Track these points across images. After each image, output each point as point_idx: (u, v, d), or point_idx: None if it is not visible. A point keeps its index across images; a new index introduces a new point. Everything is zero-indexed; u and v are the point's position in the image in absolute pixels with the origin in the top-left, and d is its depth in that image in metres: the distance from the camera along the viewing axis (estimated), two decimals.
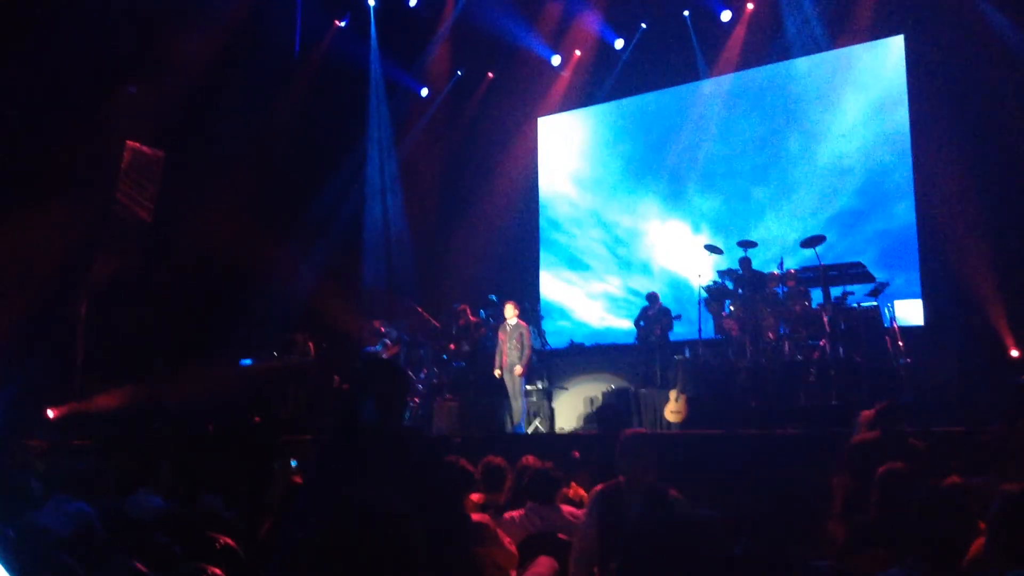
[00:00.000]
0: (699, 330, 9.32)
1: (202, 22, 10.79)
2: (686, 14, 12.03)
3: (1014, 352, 8.61)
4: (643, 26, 12.49)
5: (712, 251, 9.60)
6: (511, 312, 10.13)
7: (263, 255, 11.49)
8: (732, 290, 9.27)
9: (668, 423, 8.91)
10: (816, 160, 11.10)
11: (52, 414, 10.27)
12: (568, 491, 5.10)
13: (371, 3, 13.28)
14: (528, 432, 9.88)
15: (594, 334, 12.44)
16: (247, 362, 10.60)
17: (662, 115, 12.53)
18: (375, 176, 13.72)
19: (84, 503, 4.07)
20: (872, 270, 8.58)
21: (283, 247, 12.01)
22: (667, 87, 12.50)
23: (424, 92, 14.08)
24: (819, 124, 11.15)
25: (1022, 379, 7.51)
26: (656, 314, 10.42)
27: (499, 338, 10.18)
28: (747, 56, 11.67)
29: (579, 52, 13.09)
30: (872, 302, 8.53)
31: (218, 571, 2.68)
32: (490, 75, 13.81)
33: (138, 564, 2.77)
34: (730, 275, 9.31)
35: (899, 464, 3.86)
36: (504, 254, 13.30)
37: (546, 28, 12.86)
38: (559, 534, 4.22)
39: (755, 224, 11.21)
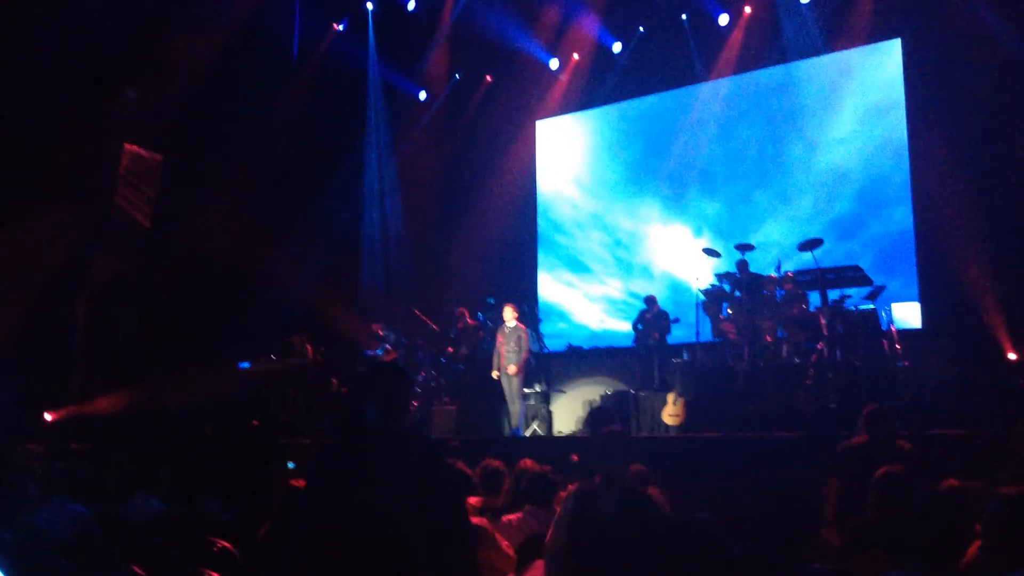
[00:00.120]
0: (697, 333, 9.33)
1: (201, 26, 10.79)
2: (684, 17, 12.05)
3: (1011, 355, 8.61)
4: (641, 30, 12.51)
5: (710, 254, 9.61)
6: (510, 315, 10.13)
7: (262, 258, 11.48)
8: (730, 293, 9.26)
9: (666, 426, 8.90)
10: (814, 164, 11.10)
11: (50, 417, 10.25)
12: (566, 494, 5.09)
13: (370, 6, 13.30)
14: (526, 435, 9.86)
15: (592, 337, 12.44)
16: (245, 365, 10.60)
17: (661, 118, 12.53)
18: (373, 179, 13.72)
19: (82, 506, 4.06)
20: (870, 273, 8.57)
21: (281, 250, 11.98)
22: (665, 91, 12.50)
23: (422, 95, 14.09)
24: (817, 127, 11.14)
25: (1019, 382, 7.55)
26: (654, 317, 10.42)
27: (497, 341, 10.19)
28: (745, 60, 11.66)
29: (577, 55, 13.09)
30: (870, 305, 8.54)
31: (215, 575, 2.68)
32: (488, 78, 13.83)
33: (136, 568, 2.78)
34: (728, 278, 9.31)
35: (897, 467, 3.86)
36: (502, 257, 13.29)
37: (544, 32, 12.87)
38: None
39: (755, 227, 11.20)
